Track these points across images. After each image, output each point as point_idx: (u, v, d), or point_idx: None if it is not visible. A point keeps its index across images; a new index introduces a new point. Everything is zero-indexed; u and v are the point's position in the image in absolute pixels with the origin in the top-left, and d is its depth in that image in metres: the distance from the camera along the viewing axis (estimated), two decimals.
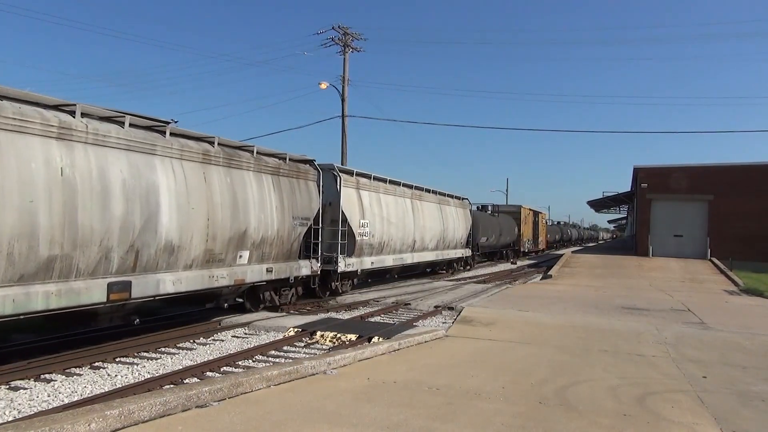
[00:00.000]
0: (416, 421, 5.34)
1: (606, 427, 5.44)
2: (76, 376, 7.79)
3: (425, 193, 22.25)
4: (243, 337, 10.73)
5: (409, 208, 20.07)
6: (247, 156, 11.66)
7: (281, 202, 12.37)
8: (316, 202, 13.92)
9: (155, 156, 9.25)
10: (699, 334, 11.04)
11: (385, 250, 18.02)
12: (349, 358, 7.70)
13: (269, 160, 12.35)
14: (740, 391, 6.98)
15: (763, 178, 30.57)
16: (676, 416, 5.86)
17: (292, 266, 13.03)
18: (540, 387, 6.79)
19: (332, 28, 29.90)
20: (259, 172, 11.84)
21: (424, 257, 21.68)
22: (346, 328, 11.02)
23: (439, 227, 22.90)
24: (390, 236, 18.21)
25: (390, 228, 18.20)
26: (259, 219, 11.54)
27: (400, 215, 19.20)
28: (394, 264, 19.02)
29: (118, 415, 4.70)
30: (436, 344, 9.34)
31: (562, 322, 11.90)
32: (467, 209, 27.69)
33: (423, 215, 21.24)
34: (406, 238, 19.61)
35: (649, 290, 19.58)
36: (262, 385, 6.20)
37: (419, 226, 20.70)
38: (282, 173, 12.69)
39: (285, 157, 13.02)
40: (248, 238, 11.27)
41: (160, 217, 9.11)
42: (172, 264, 9.47)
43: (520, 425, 5.36)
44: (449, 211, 24.68)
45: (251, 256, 11.44)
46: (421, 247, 21.08)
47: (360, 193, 16.68)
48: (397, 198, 19.28)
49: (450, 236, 24.47)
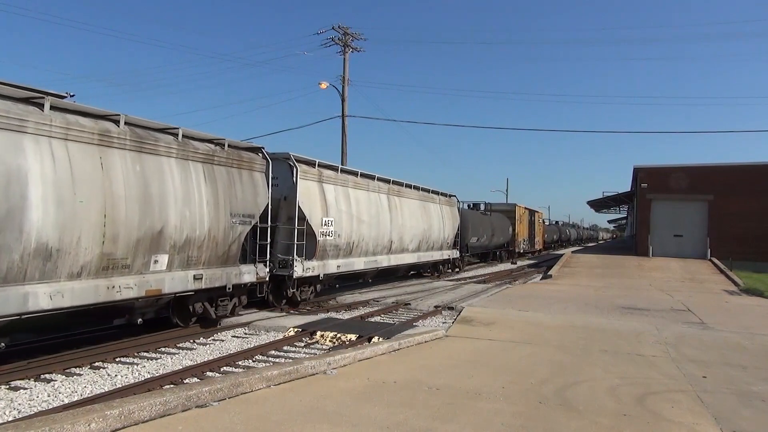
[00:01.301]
0: (416, 421, 5.34)
1: (606, 427, 5.44)
2: (76, 376, 7.79)
3: (405, 188, 20.33)
4: (243, 337, 10.74)
5: (385, 205, 18.10)
6: (168, 140, 9.71)
7: (215, 196, 10.51)
8: (263, 197, 11.96)
9: (25, 134, 7.35)
10: (699, 334, 11.04)
11: (355, 251, 16.14)
12: (349, 358, 7.70)
13: (200, 146, 10.43)
14: (740, 391, 6.98)
15: (763, 178, 30.56)
16: (676, 416, 5.86)
17: (230, 272, 11.00)
18: (540, 387, 6.79)
19: (332, 28, 29.92)
20: (184, 160, 9.91)
21: (403, 260, 19.78)
22: (346, 328, 11.02)
23: (421, 226, 21.02)
24: (361, 236, 16.29)
25: (361, 227, 16.27)
26: (183, 216, 9.66)
27: (374, 213, 17.20)
28: (366, 267, 17.05)
29: (118, 415, 4.71)
30: (436, 344, 9.34)
31: (562, 322, 11.89)
32: (455, 207, 25.90)
33: (402, 213, 19.31)
34: (381, 238, 17.65)
35: (649, 290, 19.57)
36: (262, 385, 6.20)
37: (397, 225, 18.78)
38: (218, 162, 10.78)
39: (223, 143, 11.11)
40: (166, 239, 9.33)
41: (27, 212, 7.26)
42: (49, 272, 7.59)
43: (520, 425, 5.36)
44: (434, 209, 22.82)
45: (171, 260, 9.50)
46: (399, 248, 19.17)
47: (323, 186, 14.67)
48: (370, 193, 17.26)
49: (435, 236, 22.59)
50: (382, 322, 12.45)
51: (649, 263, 28.92)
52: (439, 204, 23.68)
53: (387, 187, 18.64)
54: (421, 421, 5.33)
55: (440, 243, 23.51)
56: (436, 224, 22.64)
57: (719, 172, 31.82)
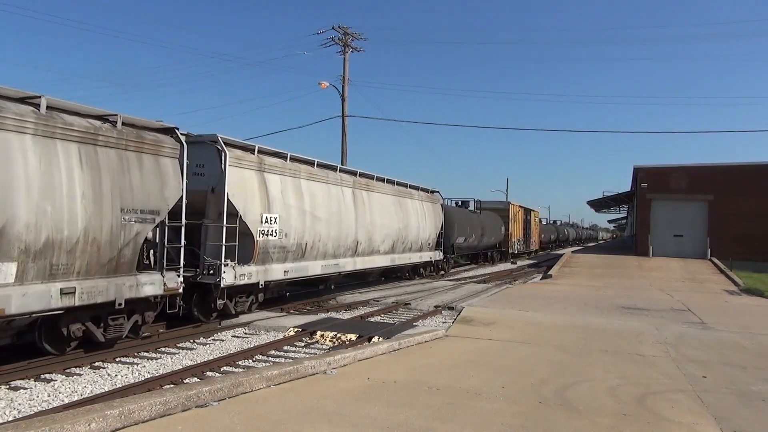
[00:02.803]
0: (416, 421, 5.34)
1: (606, 426, 5.44)
2: (76, 376, 7.79)
3: (376, 182, 17.93)
4: (243, 337, 10.74)
5: (349, 201, 15.75)
6: (22, 111, 7.48)
7: (97, 187, 8.29)
8: (174, 188, 9.66)
9: None
10: (699, 334, 11.04)
11: (309, 253, 13.76)
12: (349, 358, 7.70)
13: (76, 122, 8.22)
14: (740, 391, 6.99)
15: (763, 178, 30.59)
16: (676, 416, 5.86)
17: (121, 284, 8.66)
18: (540, 387, 6.79)
19: (332, 28, 29.91)
20: (50, 138, 7.76)
21: (372, 262, 17.43)
22: (346, 328, 11.02)
23: (395, 225, 18.65)
24: (317, 236, 13.97)
25: (317, 225, 13.96)
26: (40, 210, 7.52)
27: (335, 209, 14.89)
28: (324, 272, 14.68)
29: (118, 415, 4.71)
30: (436, 344, 9.34)
31: (562, 322, 11.90)
32: (438, 204, 23.66)
33: (371, 210, 16.96)
34: (345, 238, 15.38)
35: (649, 290, 19.58)
36: (262, 385, 6.20)
37: (365, 224, 16.45)
38: (104, 143, 8.52)
39: (115, 120, 8.89)
40: (11, 243, 7.20)
41: None
42: None
43: (520, 425, 5.37)
44: (412, 205, 20.55)
45: (23, 270, 7.33)
46: (368, 249, 16.88)
47: (265, 176, 12.26)
48: (330, 186, 14.95)
49: (413, 236, 20.31)
50: (382, 322, 12.46)
51: (649, 263, 28.93)
52: (419, 200, 21.52)
53: (352, 180, 16.29)
54: (422, 421, 5.33)
55: (420, 243, 21.24)
56: (414, 223, 20.41)
57: (719, 172, 31.84)
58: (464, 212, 29.22)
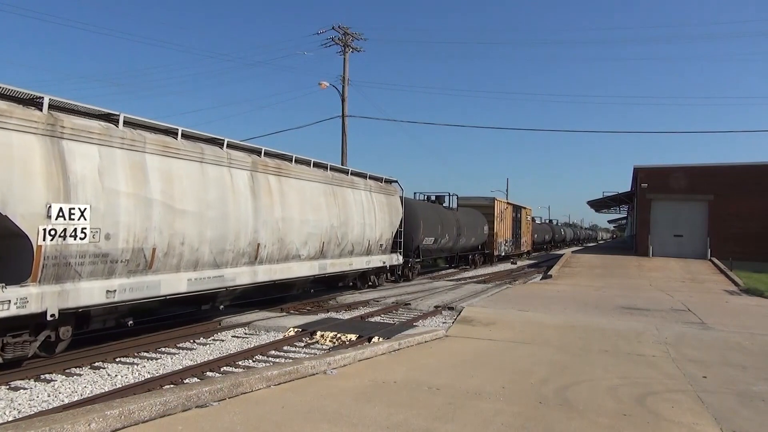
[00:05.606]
0: (416, 421, 5.34)
1: (606, 426, 5.44)
2: (76, 376, 7.79)
3: (294, 165, 13.62)
4: (243, 337, 10.74)
5: (242, 188, 11.47)
6: None
7: None
8: None
9: None
10: (699, 334, 11.03)
11: (163, 263, 9.54)
12: (349, 358, 7.70)
13: None
14: (740, 391, 6.98)
15: (763, 178, 30.58)
16: (676, 416, 5.85)
17: None
18: (540, 387, 6.79)
19: (332, 28, 29.91)
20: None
21: (288, 271, 13.05)
22: (346, 328, 11.02)
23: (326, 222, 14.47)
24: (178, 237, 9.76)
25: (178, 221, 9.75)
26: None
27: (214, 199, 10.60)
28: (196, 288, 10.27)
29: (118, 415, 4.71)
30: (436, 344, 9.34)
31: (562, 322, 11.89)
32: (396, 197, 19.23)
33: (284, 201, 12.77)
34: (234, 240, 11.09)
35: (649, 290, 19.58)
36: (262, 385, 6.20)
37: (271, 220, 12.20)
38: None
39: None
40: None
41: None
42: None
43: (520, 425, 5.36)
44: (355, 197, 16.33)
45: None
46: (278, 255, 12.59)
47: (64, 146, 7.98)
48: (206, 167, 10.58)
49: (355, 236, 16.06)
50: (382, 322, 12.45)
51: (649, 263, 28.93)
52: (366, 191, 17.27)
53: (251, 160, 11.97)
54: (422, 421, 5.33)
55: (367, 245, 17.02)
56: (357, 219, 16.21)
57: (719, 172, 31.85)
58: (434, 208, 24.42)
